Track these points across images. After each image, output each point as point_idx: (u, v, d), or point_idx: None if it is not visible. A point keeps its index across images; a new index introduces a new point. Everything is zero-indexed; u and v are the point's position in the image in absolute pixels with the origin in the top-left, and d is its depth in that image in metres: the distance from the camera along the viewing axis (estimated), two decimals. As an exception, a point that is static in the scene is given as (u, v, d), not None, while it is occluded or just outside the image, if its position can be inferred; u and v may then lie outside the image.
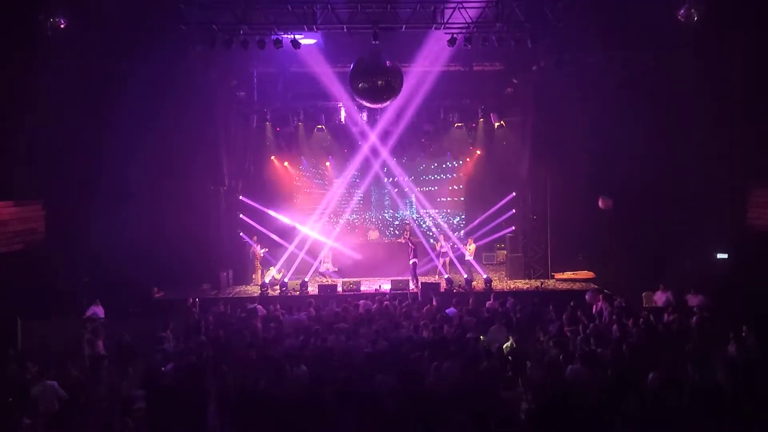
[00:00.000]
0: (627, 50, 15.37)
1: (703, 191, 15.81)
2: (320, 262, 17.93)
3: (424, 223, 20.60)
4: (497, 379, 8.58)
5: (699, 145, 15.52)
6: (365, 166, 19.76)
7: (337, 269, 18.11)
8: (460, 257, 17.85)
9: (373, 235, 20.63)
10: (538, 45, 14.56)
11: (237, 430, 8.05)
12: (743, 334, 10.04)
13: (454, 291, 15.72)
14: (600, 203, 16.79)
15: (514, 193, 18.67)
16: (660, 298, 13.40)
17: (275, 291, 16.01)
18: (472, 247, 17.87)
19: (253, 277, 17.66)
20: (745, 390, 8.30)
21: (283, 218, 19.05)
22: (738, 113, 14.68)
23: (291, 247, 18.10)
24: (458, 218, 21.13)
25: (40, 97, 14.03)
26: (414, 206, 20.94)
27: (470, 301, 13.42)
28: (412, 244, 17.22)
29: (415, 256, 16.98)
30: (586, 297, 13.39)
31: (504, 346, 10.10)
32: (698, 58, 14.68)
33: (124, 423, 7.58)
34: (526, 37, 13.96)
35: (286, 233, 18.79)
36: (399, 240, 18.94)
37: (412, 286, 16.07)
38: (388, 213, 21.24)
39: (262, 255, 17.83)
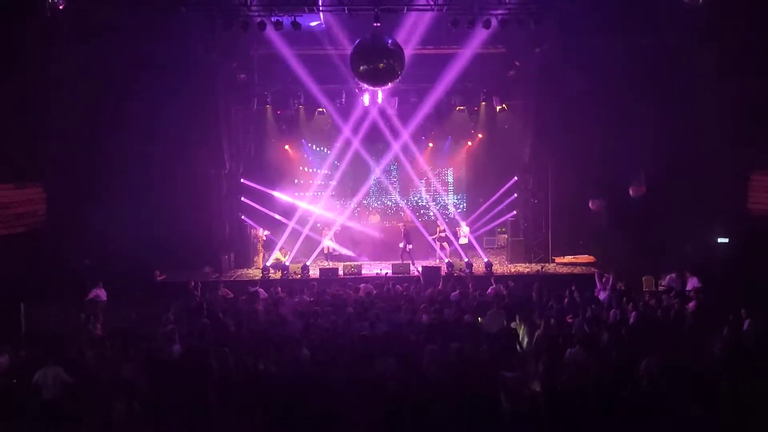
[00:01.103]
0: (631, 34, 15.21)
1: (704, 176, 15.79)
2: (324, 238, 17.95)
3: (428, 206, 20.59)
4: (496, 363, 8.63)
5: (701, 130, 15.46)
6: (365, 150, 19.63)
7: (338, 253, 18.13)
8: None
9: (374, 219, 20.61)
10: (542, 28, 14.44)
11: (239, 413, 8.12)
12: (741, 318, 10.10)
13: (455, 275, 15.76)
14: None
15: (515, 177, 18.65)
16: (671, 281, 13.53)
17: (276, 274, 16.07)
18: (466, 229, 17.94)
19: (255, 260, 17.69)
20: (740, 373, 8.36)
21: (284, 197, 19.05)
22: (740, 98, 14.59)
23: (291, 224, 18.09)
24: (461, 204, 21.10)
25: (40, 79, 13.94)
26: (418, 190, 20.93)
27: (470, 284, 13.46)
28: (404, 229, 17.25)
29: (408, 242, 17.02)
30: (596, 275, 13.54)
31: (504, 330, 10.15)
32: (702, 43, 14.55)
33: (129, 405, 7.65)
34: (529, 19, 13.84)
35: (289, 214, 18.79)
36: (398, 225, 18.94)
37: (413, 269, 16.12)
38: (391, 201, 21.16)
39: (264, 238, 17.86)
